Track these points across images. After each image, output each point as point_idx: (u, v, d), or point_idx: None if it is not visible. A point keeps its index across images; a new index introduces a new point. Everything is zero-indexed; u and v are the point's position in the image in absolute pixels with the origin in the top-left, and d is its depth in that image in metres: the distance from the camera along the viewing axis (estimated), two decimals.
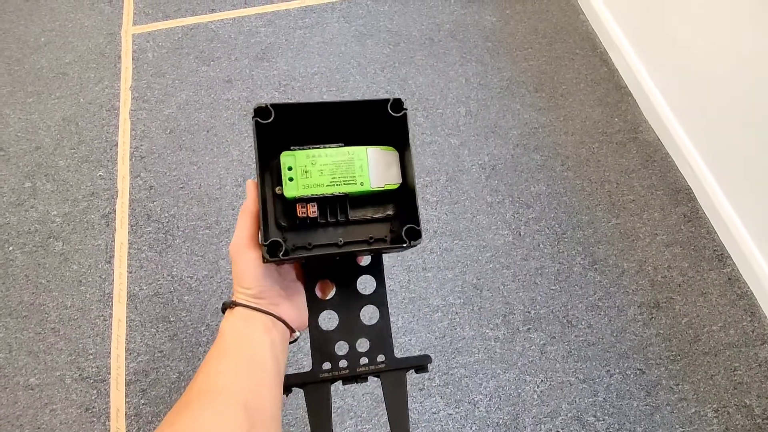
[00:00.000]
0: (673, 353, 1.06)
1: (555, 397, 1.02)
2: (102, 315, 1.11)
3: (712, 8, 1.09)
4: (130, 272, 1.16)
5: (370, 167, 0.37)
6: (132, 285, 1.14)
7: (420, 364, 0.40)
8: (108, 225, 1.22)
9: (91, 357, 1.07)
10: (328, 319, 0.40)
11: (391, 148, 0.38)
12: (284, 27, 1.53)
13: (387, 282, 0.48)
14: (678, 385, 1.03)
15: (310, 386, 0.38)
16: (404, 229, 0.36)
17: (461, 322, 1.10)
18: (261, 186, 0.35)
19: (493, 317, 1.10)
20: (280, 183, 0.36)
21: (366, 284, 0.41)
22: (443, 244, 1.18)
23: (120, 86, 1.42)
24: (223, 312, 0.37)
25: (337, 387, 0.47)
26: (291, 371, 0.37)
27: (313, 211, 0.36)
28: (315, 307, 0.40)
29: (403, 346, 1.07)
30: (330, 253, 0.36)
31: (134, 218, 1.22)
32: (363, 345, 0.40)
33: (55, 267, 1.17)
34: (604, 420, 1.00)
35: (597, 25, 1.51)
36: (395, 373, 0.39)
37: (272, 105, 0.33)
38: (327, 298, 0.41)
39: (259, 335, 0.36)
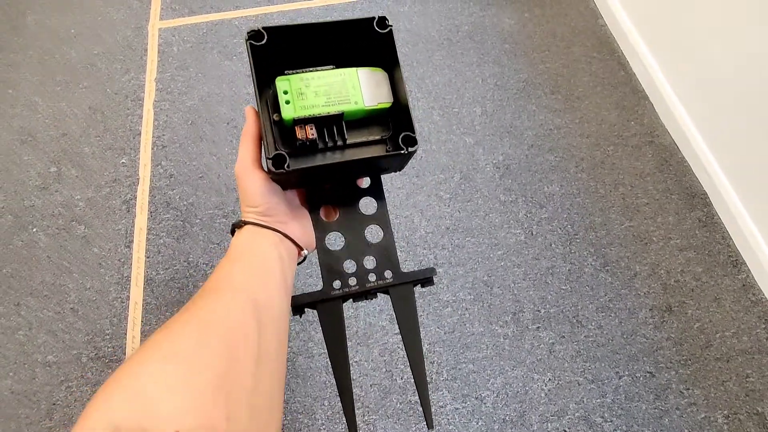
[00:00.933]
0: (684, 357, 1.05)
1: (563, 396, 1.02)
2: (120, 297, 1.14)
3: (732, 13, 1.09)
4: (148, 257, 1.19)
5: (362, 87, 0.37)
6: (149, 269, 1.17)
7: (426, 277, 0.41)
8: (128, 211, 1.25)
9: (108, 337, 1.10)
10: (335, 241, 0.41)
11: (380, 69, 0.39)
12: None
13: None
14: (688, 389, 1.02)
15: (323, 305, 0.39)
16: (401, 136, 0.37)
17: (471, 318, 1.10)
18: (259, 107, 0.36)
19: (502, 314, 1.10)
20: (277, 110, 0.37)
21: (368, 206, 0.42)
22: (455, 240, 1.19)
23: (145, 78, 1.47)
24: (232, 234, 0.38)
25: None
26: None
27: (311, 133, 0.36)
28: (321, 228, 0.41)
29: None
30: (332, 163, 0.37)
31: (154, 205, 1.26)
32: (370, 262, 0.41)
33: (77, 250, 1.20)
34: (611, 421, 0.99)
35: (615, 30, 1.51)
36: (403, 287, 0.40)
37: (264, 28, 0.35)
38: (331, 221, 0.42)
39: (267, 248, 0.37)
